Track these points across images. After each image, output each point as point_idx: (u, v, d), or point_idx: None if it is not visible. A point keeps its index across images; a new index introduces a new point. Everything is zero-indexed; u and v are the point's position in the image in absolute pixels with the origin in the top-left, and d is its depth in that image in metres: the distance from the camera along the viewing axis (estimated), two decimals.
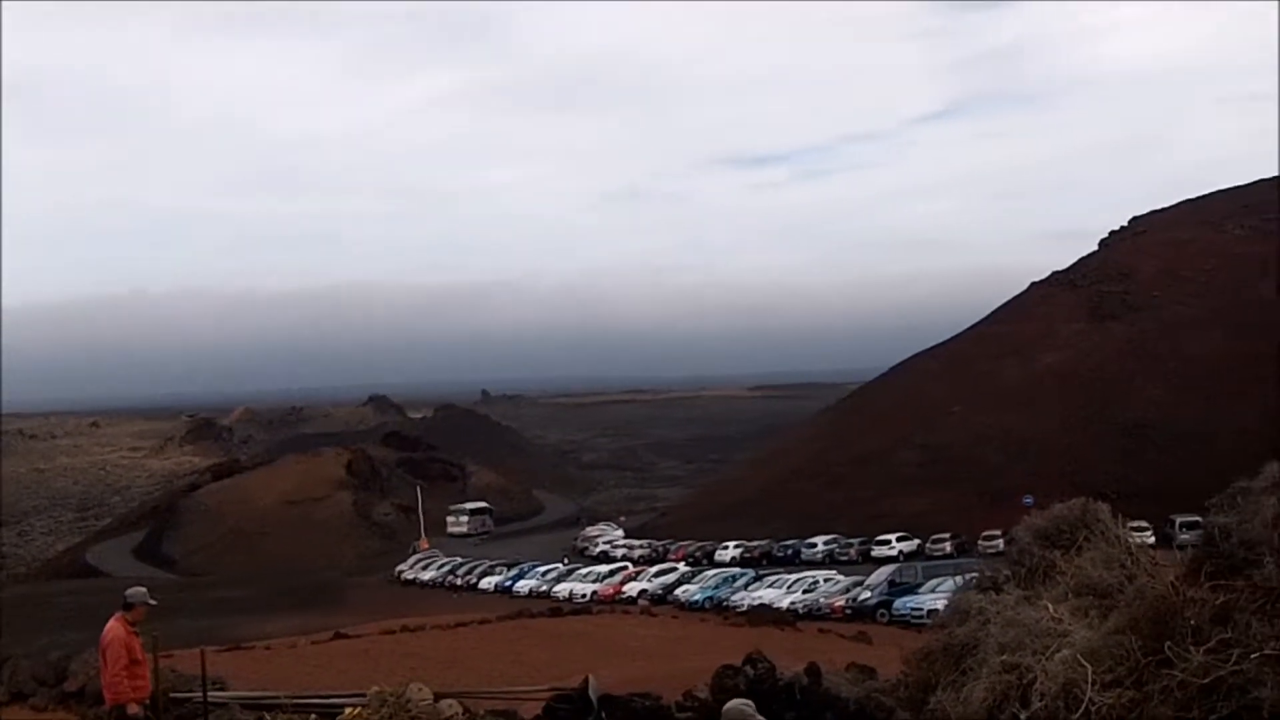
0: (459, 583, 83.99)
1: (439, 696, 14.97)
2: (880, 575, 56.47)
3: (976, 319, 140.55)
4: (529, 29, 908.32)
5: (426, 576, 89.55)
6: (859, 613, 51.35)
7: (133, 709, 12.86)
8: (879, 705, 12.47)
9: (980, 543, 73.24)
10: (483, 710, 15.80)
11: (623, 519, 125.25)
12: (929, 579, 51.05)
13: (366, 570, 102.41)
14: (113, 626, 12.97)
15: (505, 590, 76.84)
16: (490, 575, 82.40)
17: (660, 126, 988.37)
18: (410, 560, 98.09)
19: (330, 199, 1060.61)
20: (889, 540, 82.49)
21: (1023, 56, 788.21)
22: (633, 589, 68.53)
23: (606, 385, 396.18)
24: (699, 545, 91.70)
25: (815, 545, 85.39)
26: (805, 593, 57.21)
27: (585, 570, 78.00)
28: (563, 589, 71.81)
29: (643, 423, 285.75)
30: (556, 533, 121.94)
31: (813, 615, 52.38)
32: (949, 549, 77.87)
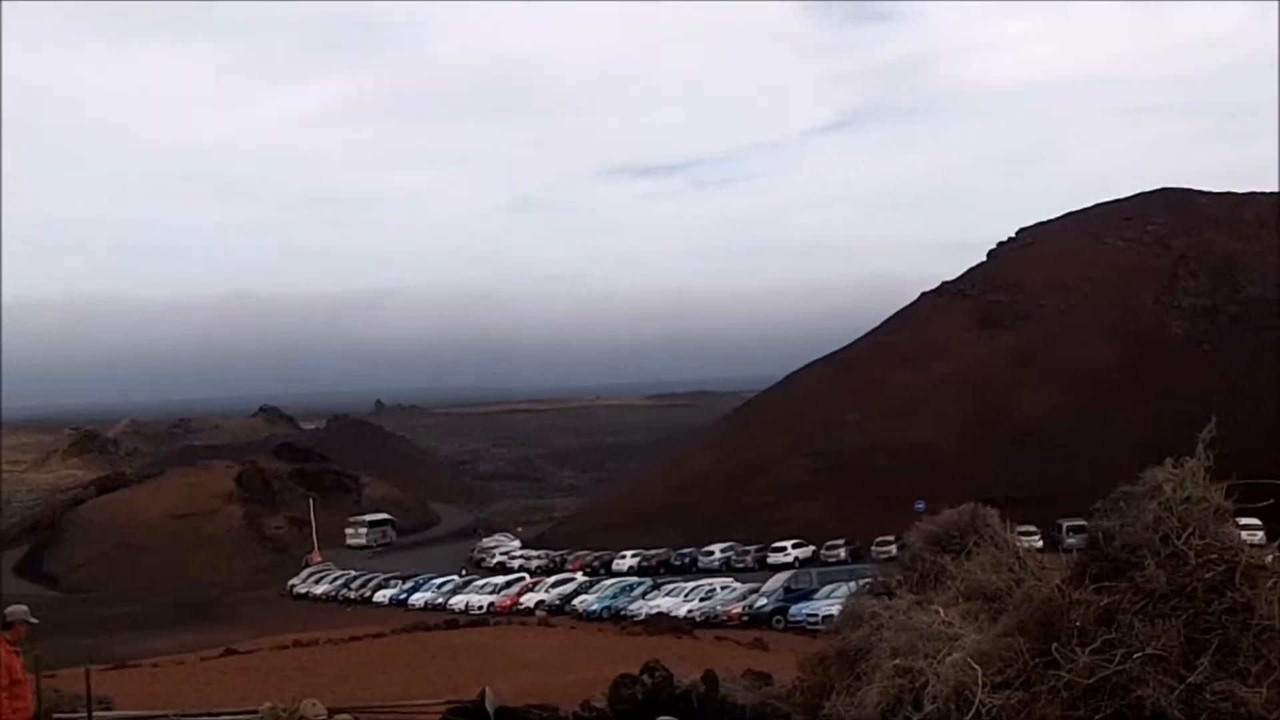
0: (353, 596, 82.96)
1: (333, 712, 14.76)
2: (776, 582, 56.85)
3: (870, 328, 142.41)
4: (426, 36, 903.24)
5: (319, 590, 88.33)
6: (755, 620, 51.63)
7: None
8: (775, 711, 12.54)
9: (874, 549, 74.07)
10: None
11: (520, 529, 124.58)
12: (824, 585, 51.52)
13: (258, 585, 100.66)
14: None
15: (400, 603, 76.03)
16: (385, 588, 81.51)
17: (557, 135, 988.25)
18: (303, 574, 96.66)
19: (218, 206, 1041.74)
20: (785, 547, 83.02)
21: (914, 70, 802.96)
22: (530, 600, 68.20)
23: (503, 395, 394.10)
24: (597, 555, 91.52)
25: (712, 553, 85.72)
26: (702, 601, 57.38)
27: (482, 582, 77.47)
28: (459, 601, 71.24)
29: (540, 432, 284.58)
30: (453, 544, 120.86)
31: (710, 623, 52.54)
32: (843, 555, 78.62)
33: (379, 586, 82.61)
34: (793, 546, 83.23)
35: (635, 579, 71.11)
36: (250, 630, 62.58)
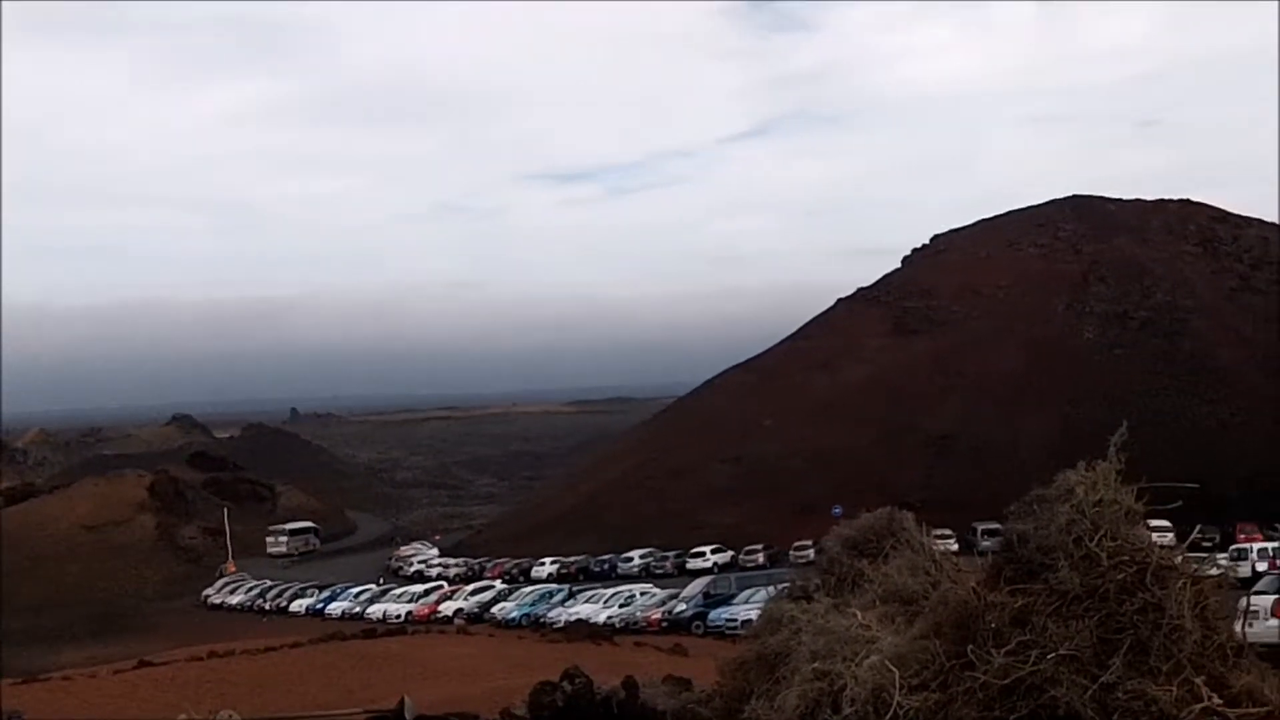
0: (268, 606, 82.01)
1: None
2: (695, 587, 56.99)
3: (787, 334, 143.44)
4: (342, 40, 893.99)
5: (235, 600, 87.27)
6: (675, 625, 51.71)
7: None
8: (695, 716, 12.54)
9: (792, 553, 74.50)
10: None
11: (438, 537, 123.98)
12: (743, 590, 51.73)
13: (172, 595, 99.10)
14: None
15: (317, 613, 75.28)
16: (301, 598, 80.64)
17: (473, 142, 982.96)
18: (217, 584, 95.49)
19: (129, 210, 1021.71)
20: (704, 552, 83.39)
21: (832, 78, 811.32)
22: (448, 608, 67.83)
23: (420, 402, 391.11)
24: (515, 562, 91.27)
25: (631, 559, 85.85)
26: (622, 607, 57.39)
27: (400, 590, 76.93)
28: (376, 610, 70.71)
29: (457, 440, 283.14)
30: (370, 553, 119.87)
31: (629, 629, 52.55)
32: (762, 560, 79.13)
33: (295, 596, 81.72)
34: (711, 552, 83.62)
35: (554, 586, 70.97)
36: (164, 641, 61.55)
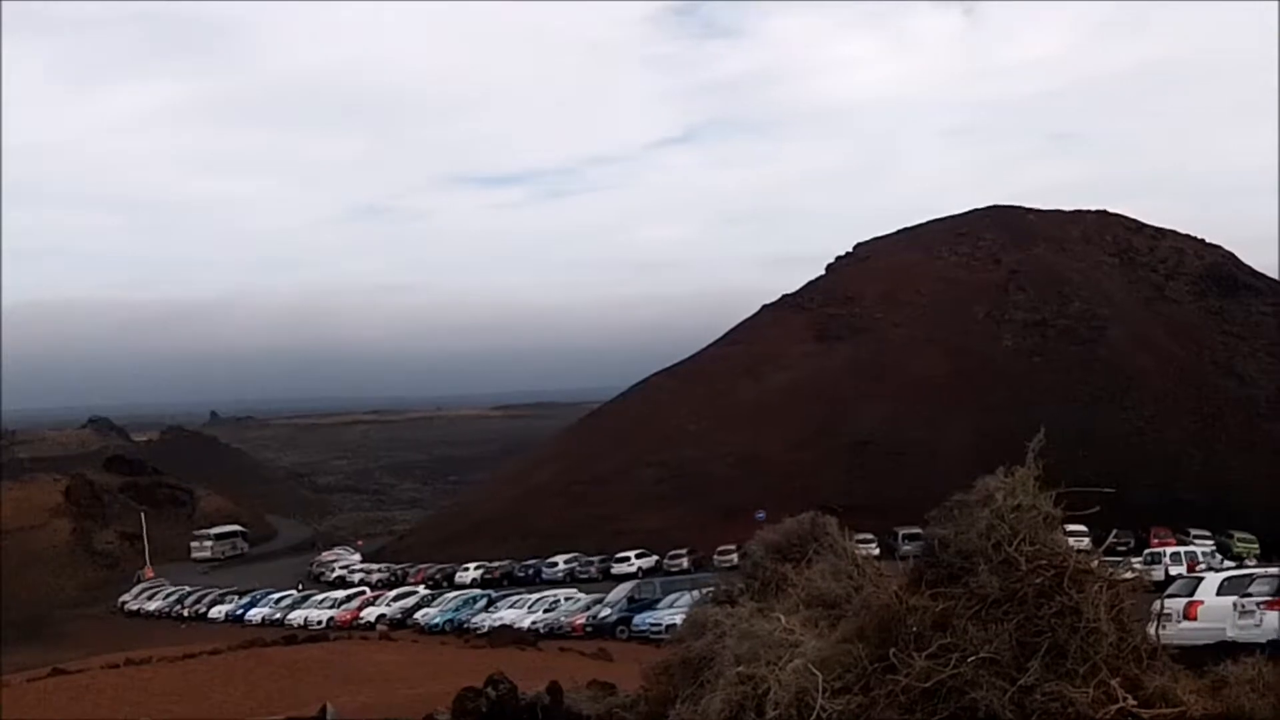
0: (187, 613, 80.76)
1: None
2: (620, 592, 56.97)
3: (712, 339, 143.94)
4: (264, 40, 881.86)
5: (152, 607, 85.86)
6: (599, 630, 51.62)
7: None
8: None
9: (716, 557, 74.84)
10: None
11: (360, 543, 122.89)
12: (667, 594, 51.77)
13: (88, 602, 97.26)
14: None
15: (237, 619, 74.26)
16: (220, 604, 79.52)
17: (399, 144, 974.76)
18: (135, 590, 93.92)
19: (42, 210, 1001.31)
20: (628, 557, 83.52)
21: (757, 86, 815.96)
22: (371, 614, 67.21)
23: (342, 406, 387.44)
24: (439, 568, 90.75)
25: (556, 564, 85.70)
26: (546, 612, 57.21)
27: (321, 596, 76.14)
28: (297, 616, 69.89)
29: (380, 444, 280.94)
30: (291, 558, 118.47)
31: (554, 634, 52.41)
32: (686, 564, 79.29)
33: (214, 602, 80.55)
34: (636, 556, 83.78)
35: (479, 591, 70.63)
36: (79, 649, 60.37)
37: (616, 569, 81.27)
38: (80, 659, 50.23)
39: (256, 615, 73.56)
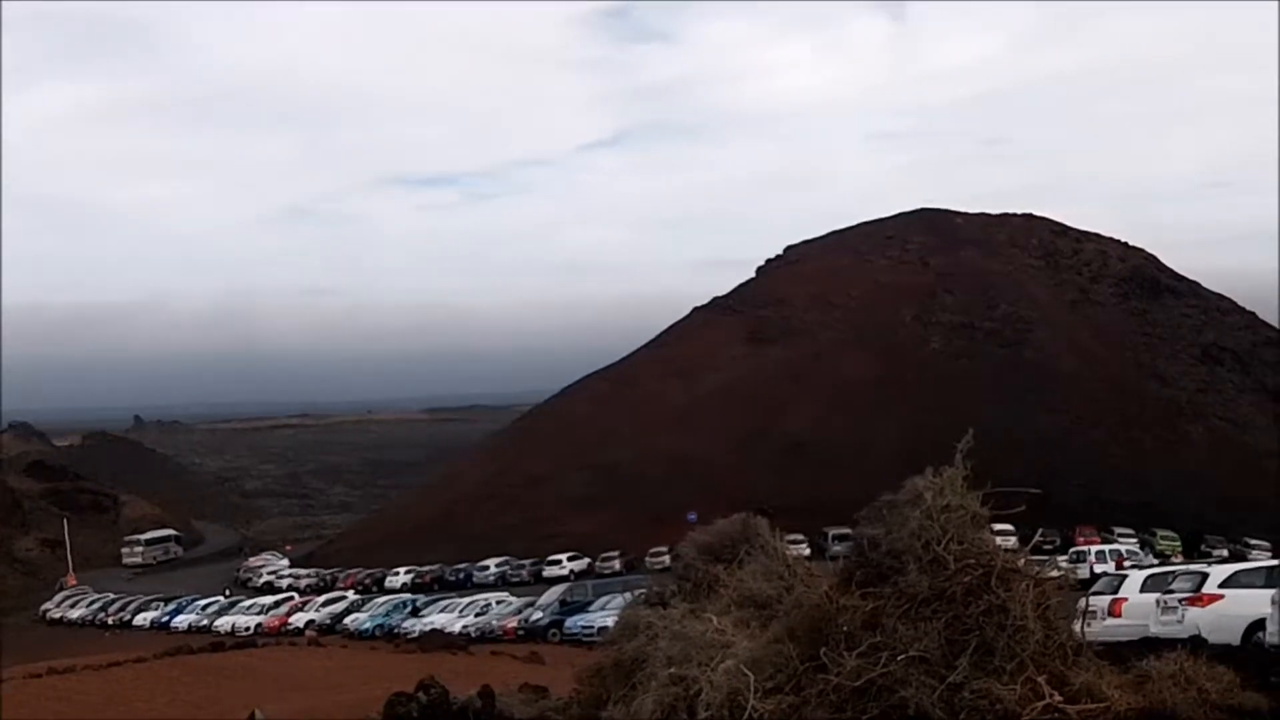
0: (111, 620, 79.44)
1: None
2: (551, 595, 56.84)
3: (644, 342, 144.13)
4: (189, 41, 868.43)
5: (75, 615, 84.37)
6: (531, 633, 51.48)
7: None
8: None
9: (648, 559, 74.98)
10: None
11: (288, 548, 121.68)
12: (599, 597, 51.73)
13: (8, 610, 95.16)
14: None
15: (162, 626, 73.14)
16: (145, 611, 78.32)
17: (326, 146, 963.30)
18: (57, 598, 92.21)
19: None
20: (560, 560, 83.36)
21: (688, 90, 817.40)
22: (299, 620, 66.48)
23: (270, 410, 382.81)
24: (369, 572, 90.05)
25: (487, 568, 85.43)
26: (477, 616, 56.94)
27: (249, 602, 75.21)
28: (224, 623, 68.98)
29: (309, 448, 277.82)
30: (218, 564, 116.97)
31: (485, 638, 52.16)
32: (618, 567, 79.32)
33: (139, 609, 79.29)
34: (568, 559, 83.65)
35: (408, 596, 70.13)
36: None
37: (548, 572, 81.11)
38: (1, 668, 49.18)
39: (183, 622, 72.52)
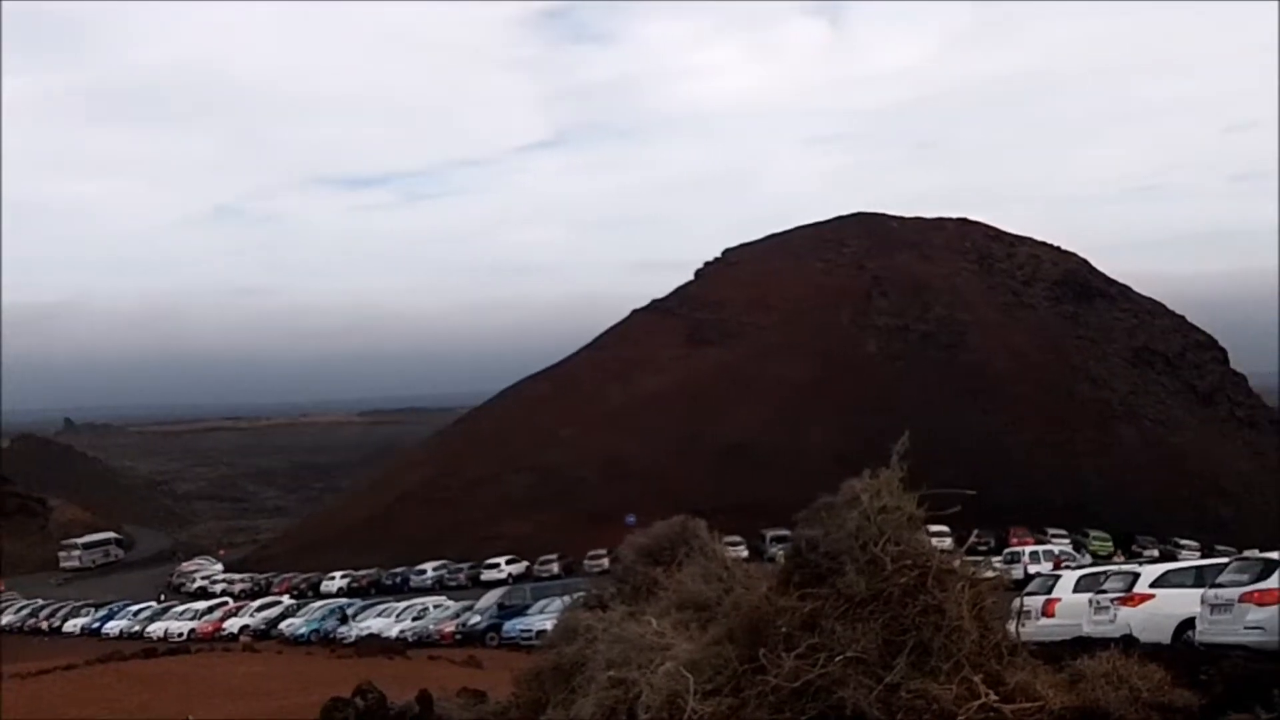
0: (42, 626, 78.19)
1: None
2: (489, 599, 56.57)
3: (583, 344, 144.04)
4: (116, 36, 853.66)
5: (3, 621, 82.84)
6: (469, 637, 51.18)
7: None
8: None
9: (587, 562, 74.92)
10: None
11: (222, 552, 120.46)
12: (538, 600, 51.57)
13: None
14: None
15: (93, 632, 72.02)
16: (76, 617, 77.11)
17: (258, 144, 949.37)
18: None
19: None
20: (498, 563, 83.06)
21: (625, 92, 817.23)
22: (234, 625, 65.75)
23: (203, 412, 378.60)
24: (304, 577, 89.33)
25: (425, 572, 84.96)
26: (414, 620, 56.58)
27: (182, 608, 74.25)
28: (157, 628, 68.04)
29: (243, 451, 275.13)
30: (150, 569, 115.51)
31: (423, 643, 51.80)
32: (557, 570, 79.07)
33: (69, 615, 78.06)
34: (506, 563, 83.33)
35: (345, 600, 69.54)
36: None
37: (486, 575, 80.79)
38: None
39: (114, 628, 71.45)
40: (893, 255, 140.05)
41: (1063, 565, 45.24)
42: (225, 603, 74.89)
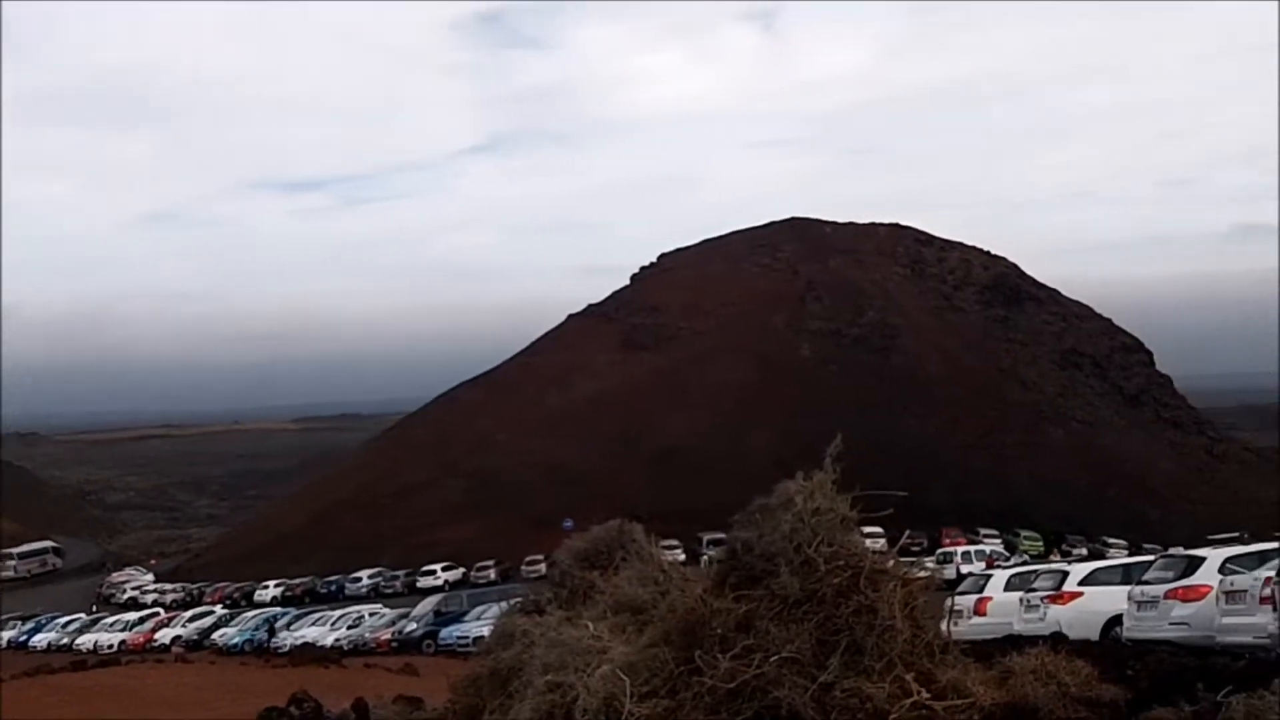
0: None
1: None
2: (426, 606, 56.28)
3: (519, 349, 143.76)
4: (47, 36, 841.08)
5: None
6: (406, 645, 50.92)
7: None
8: None
9: (524, 568, 74.83)
10: None
11: (154, 562, 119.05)
12: (475, 607, 51.42)
13: None
14: None
15: (20, 646, 70.67)
16: (2, 630, 75.69)
17: (193, 148, 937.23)
18: None
19: None
20: (434, 570, 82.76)
21: (562, 96, 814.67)
22: (166, 635, 64.90)
23: (136, 420, 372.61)
24: (238, 586, 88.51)
25: (360, 579, 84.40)
26: (350, 628, 56.19)
27: (113, 619, 73.16)
28: (87, 640, 66.92)
29: (175, 459, 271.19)
30: (79, 580, 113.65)
31: (359, 651, 51.46)
32: (494, 576, 78.96)
33: None
34: (443, 569, 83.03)
35: (279, 609, 68.91)
36: None
37: (423, 582, 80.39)
38: None
39: (42, 641, 70.22)
40: (826, 260, 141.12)
41: (994, 565, 45.79)
42: (157, 613, 73.92)
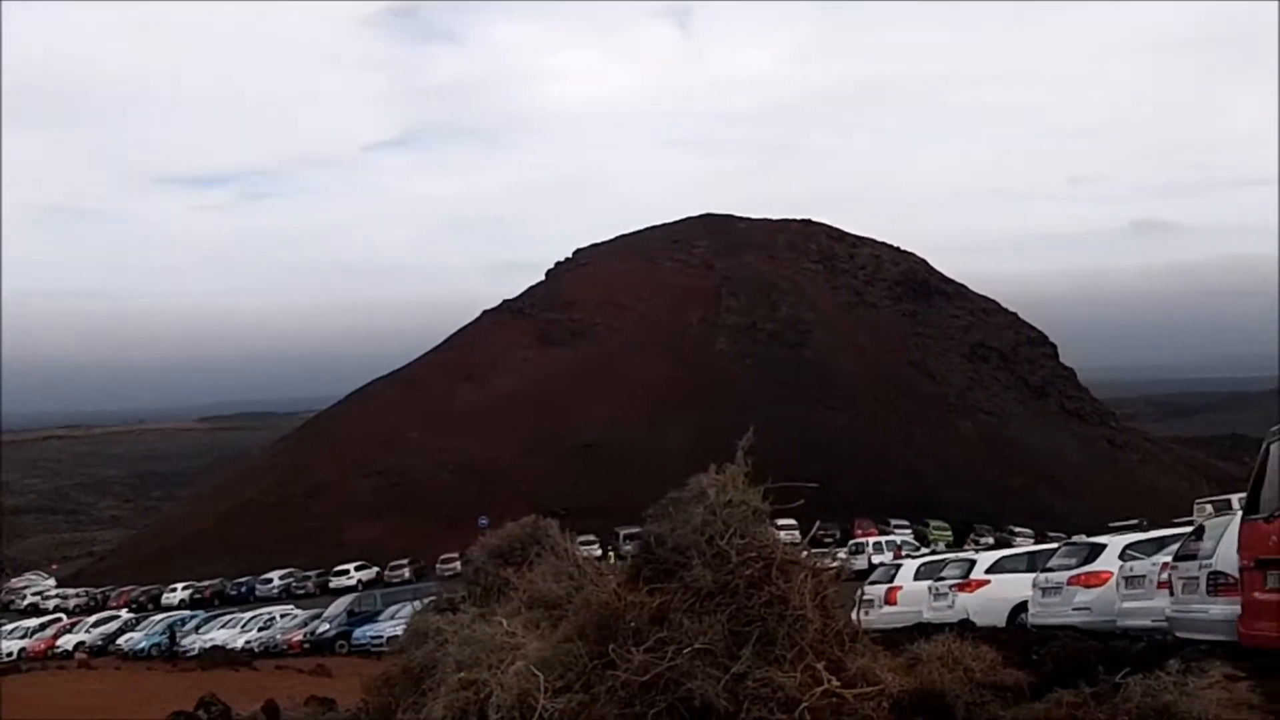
0: None
1: None
2: (338, 606, 55.73)
3: (431, 346, 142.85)
4: None
5: None
6: (318, 646, 50.37)
7: None
8: None
9: (438, 566, 74.54)
10: None
11: (55, 567, 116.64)
12: (389, 606, 51.05)
13: None
14: None
15: None
16: None
17: (89, 143, 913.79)
18: None
19: None
20: (347, 570, 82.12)
21: (476, 92, 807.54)
22: (68, 642, 63.53)
23: (33, 421, 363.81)
24: (144, 589, 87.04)
25: (271, 581, 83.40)
26: (261, 630, 55.48)
27: (11, 626, 71.46)
28: None
29: (75, 461, 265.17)
30: None
31: (270, 653, 50.84)
32: (408, 575, 78.50)
33: None
34: (356, 569, 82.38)
35: (187, 612, 67.82)
36: None
37: (335, 583, 79.66)
38: None
39: None
40: (740, 255, 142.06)
41: (903, 555, 46.40)
42: (59, 619, 72.34)
